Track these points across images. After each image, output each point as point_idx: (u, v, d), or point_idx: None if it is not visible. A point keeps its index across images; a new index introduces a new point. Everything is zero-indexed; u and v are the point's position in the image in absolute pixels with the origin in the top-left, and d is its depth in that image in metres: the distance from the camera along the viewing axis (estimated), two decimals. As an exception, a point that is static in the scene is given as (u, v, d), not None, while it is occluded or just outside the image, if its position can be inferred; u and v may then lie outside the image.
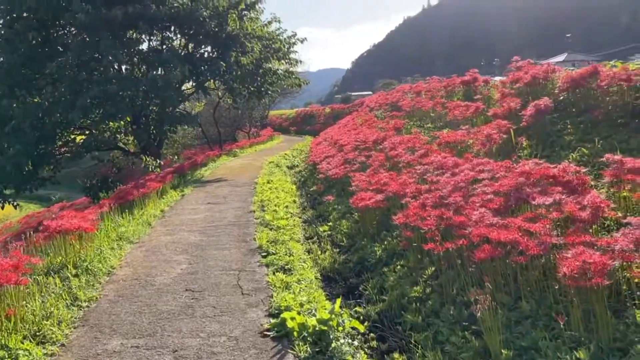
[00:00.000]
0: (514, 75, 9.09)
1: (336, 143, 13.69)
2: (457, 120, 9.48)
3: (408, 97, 15.42)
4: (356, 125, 15.94)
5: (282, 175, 14.60)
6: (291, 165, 17.87)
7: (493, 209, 4.54)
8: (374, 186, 7.10)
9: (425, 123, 11.53)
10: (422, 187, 6.11)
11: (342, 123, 20.37)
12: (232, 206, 9.38)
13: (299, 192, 11.95)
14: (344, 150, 11.26)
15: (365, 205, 6.50)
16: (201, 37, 14.75)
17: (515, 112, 7.71)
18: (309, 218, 8.90)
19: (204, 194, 11.25)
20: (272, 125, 40.30)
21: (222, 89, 19.87)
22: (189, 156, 21.72)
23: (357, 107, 29.96)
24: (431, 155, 7.31)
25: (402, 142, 8.88)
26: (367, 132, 11.98)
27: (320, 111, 38.57)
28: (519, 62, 10.38)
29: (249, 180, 13.07)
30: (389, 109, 15.65)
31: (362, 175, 8.35)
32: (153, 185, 9.85)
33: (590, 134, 6.27)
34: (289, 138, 33.01)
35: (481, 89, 10.89)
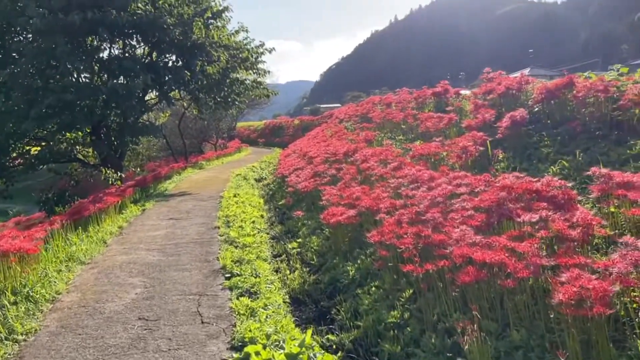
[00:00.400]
0: (487, 87, 8.92)
1: (305, 155, 13.32)
2: (429, 132, 9.24)
3: (378, 109, 15.21)
4: (326, 137, 15.62)
5: (250, 188, 14.13)
6: (259, 178, 17.40)
7: (474, 227, 4.23)
8: (345, 201, 6.74)
9: (396, 135, 11.28)
10: (396, 202, 5.77)
11: (312, 135, 20.04)
12: (195, 222, 8.87)
13: (267, 206, 11.51)
14: (313, 163, 10.89)
15: (336, 221, 6.12)
16: (165, 45, 14.21)
17: (489, 124, 7.50)
18: (277, 234, 8.47)
19: (167, 208, 10.68)
20: (240, 137, 39.70)
21: (187, 99, 19.31)
22: (153, 168, 20.97)
23: (327, 118, 29.72)
24: (405, 168, 7.01)
25: (374, 154, 8.56)
26: (337, 144, 11.66)
27: (289, 123, 38.20)
28: (490, 74, 10.26)
29: (214, 193, 12.54)
30: (359, 121, 15.39)
31: (332, 189, 8.00)
32: (111, 200, 9.25)
33: (568, 146, 6.07)
34: (257, 150, 32.49)
35: (452, 101, 10.71)
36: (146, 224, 8.97)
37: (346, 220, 6.09)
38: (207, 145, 29.54)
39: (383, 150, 8.60)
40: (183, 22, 14.19)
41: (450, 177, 5.66)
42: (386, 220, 5.24)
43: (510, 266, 3.38)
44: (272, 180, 15.80)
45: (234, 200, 10.74)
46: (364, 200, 6.25)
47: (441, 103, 11.30)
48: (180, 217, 9.47)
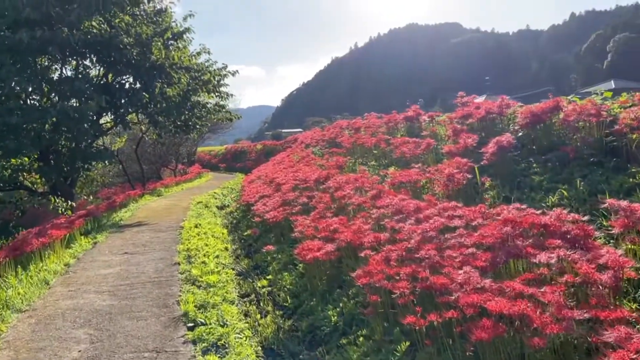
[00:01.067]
0: (464, 111, 8.55)
1: (272, 182, 12.66)
2: (405, 158, 8.77)
3: (346, 133, 14.75)
4: (293, 162, 15.01)
5: (212, 217, 13.32)
6: (221, 206, 16.59)
7: (479, 267, 3.68)
8: (321, 233, 6.12)
9: (368, 160, 10.79)
10: (381, 235, 5.19)
11: (277, 160, 19.39)
12: (153, 257, 8.03)
13: (231, 237, 10.74)
14: (281, 190, 10.23)
15: (313, 257, 5.48)
16: (122, 66, 13.38)
17: (471, 150, 7.07)
18: (244, 270, 7.73)
19: (121, 241, 9.77)
20: (201, 162, 38.65)
21: (145, 122, 18.42)
22: (108, 196, 19.81)
23: (291, 143, 29.19)
24: (385, 196, 6.46)
25: (349, 181, 8.00)
26: (306, 170, 11.06)
27: (252, 147, 37.47)
28: (464, 98, 9.95)
29: (174, 223, 11.68)
30: (327, 146, 14.88)
31: (305, 219, 7.36)
32: (57, 234, 8.31)
33: (561, 173, 5.66)
34: (218, 175, 31.56)
35: (426, 125, 10.33)
36: (97, 260, 8.07)
37: (324, 256, 5.46)
38: (165, 171, 28.43)
39: (358, 177, 8.05)
40: (141, 42, 13.45)
41: (440, 208, 5.13)
42: (372, 258, 4.64)
43: (536, 320, 2.83)
44: (236, 207, 15.03)
45: (196, 232, 9.94)
46: (344, 234, 5.64)
47: (414, 128, 10.91)
48: (136, 251, 8.60)
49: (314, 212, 7.46)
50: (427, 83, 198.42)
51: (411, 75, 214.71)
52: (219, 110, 17.18)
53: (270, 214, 8.53)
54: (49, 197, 14.35)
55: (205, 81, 15.54)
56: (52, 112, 11.61)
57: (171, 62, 14.07)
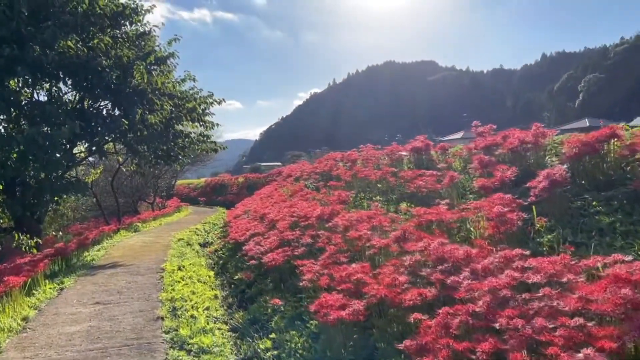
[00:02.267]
0: (487, 140, 7.62)
1: (263, 217, 11.51)
2: (421, 193, 7.77)
3: (341, 166, 13.78)
4: (284, 196, 13.90)
5: (195, 256, 12.05)
6: (204, 243, 15.31)
7: (604, 350, 2.62)
8: (342, 285, 5.00)
9: (372, 195, 9.76)
10: (426, 291, 4.12)
11: (263, 194, 18.25)
12: (130, 308, 6.75)
13: (219, 281, 9.51)
14: (277, 228, 9.10)
15: (338, 317, 4.36)
16: (100, 91, 12.24)
17: (508, 184, 6.11)
18: (239, 324, 6.51)
19: (93, 286, 8.45)
20: (179, 195, 37.21)
21: (123, 152, 17.16)
22: (79, 232, 18.31)
23: (275, 176, 28.14)
24: (413, 238, 5.41)
25: (361, 219, 6.92)
26: (304, 206, 9.96)
27: (233, 181, 36.21)
28: (479, 128, 9.08)
29: (153, 264, 10.39)
30: (321, 179, 13.84)
31: (313, 264, 6.25)
32: (15, 281, 6.97)
33: (632, 213, 4.70)
34: (198, 209, 30.16)
35: (439, 157, 9.40)
36: (62, 313, 6.75)
37: (351, 316, 4.34)
38: (142, 205, 26.96)
39: (371, 214, 6.98)
40: (122, 65, 12.37)
41: (500, 257, 4.09)
42: (424, 324, 3.56)
43: None
44: (221, 245, 13.77)
45: (179, 275, 8.68)
46: (373, 287, 4.54)
47: (422, 160, 9.97)
48: (110, 300, 7.31)
49: (324, 255, 6.34)
50: (405, 119, 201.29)
51: (389, 111, 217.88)
52: (203, 140, 16.06)
53: (269, 257, 7.36)
54: (13, 233, 12.90)
55: (189, 109, 14.47)
56: (18, 139, 10.36)
57: (154, 87, 13.00)
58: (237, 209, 18.69)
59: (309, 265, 6.27)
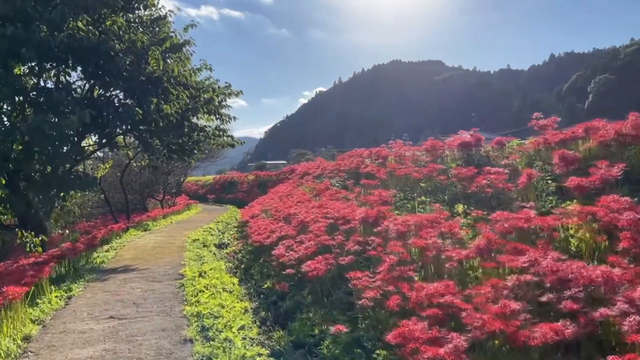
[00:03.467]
0: (566, 133, 6.57)
1: (290, 218, 10.49)
2: (485, 193, 6.72)
3: (370, 163, 12.74)
4: (306, 195, 12.87)
5: (214, 260, 11.04)
6: (220, 244, 14.31)
7: None
8: (428, 311, 3.97)
9: (415, 195, 8.72)
10: (559, 326, 3.08)
11: (280, 192, 17.24)
12: (151, 326, 5.73)
13: (244, 288, 8.50)
14: (311, 231, 8.07)
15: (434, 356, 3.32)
16: (111, 78, 11.24)
17: (611, 183, 5.06)
18: (281, 348, 5.48)
19: (104, 295, 7.44)
20: (187, 193, 36.25)
21: (134, 146, 16.18)
22: (87, 230, 17.34)
23: (287, 174, 27.19)
24: (505, 251, 4.38)
25: (421, 224, 5.87)
26: (338, 206, 8.92)
27: (243, 178, 35.22)
28: (540, 121, 8.03)
29: (170, 268, 9.39)
30: (348, 177, 12.81)
31: (370, 277, 5.24)
32: (15, 292, 5.94)
33: None
34: (208, 207, 29.19)
35: (493, 153, 8.35)
36: (71, 330, 5.73)
37: (452, 356, 3.31)
38: (150, 202, 25.99)
39: (434, 218, 5.93)
40: (135, 50, 11.37)
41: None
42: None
43: None
44: (240, 247, 12.77)
45: (202, 284, 7.65)
46: (477, 316, 3.52)
47: (472, 156, 8.93)
48: (125, 314, 6.29)
49: (381, 267, 5.30)
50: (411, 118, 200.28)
51: (395, 111, 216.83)
52: (219, 134, 15.03)
53: (308, 265, 6.32)
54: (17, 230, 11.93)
55: (206, 100, 13.45)
56: (22, 129, 9.37)
57: (170, 75, 11.98)
58: (252, 207, 17.69)
59: (364, 279, 5.25)
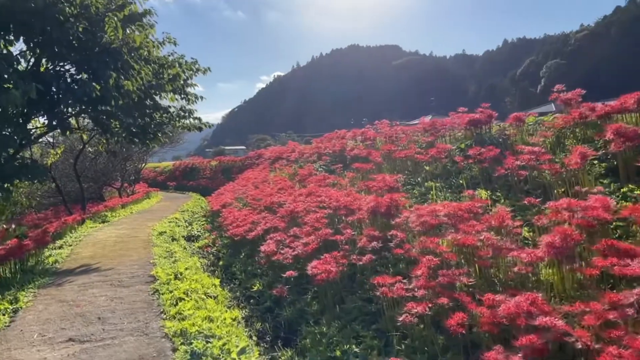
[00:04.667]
0: (613, 105, 5.65)
1: (273, 207, 9.32)
2: (517, 177, 5.75)
3: (360, 145, 11.68)
4: (286, 181, 11.69)
5: (186, 255, 9.76)
6: (190, 236, 12.98)
7: None
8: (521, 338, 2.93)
9: (422, 180, 7.70)
10: None
11: (252, 178, 15.97)
12: (124, 353, 4.46)
13: (228, 290, 7.32)
14: (306, 223, 6.94)
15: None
16: (62, 48, 9.65)
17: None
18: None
19: (60, 307, 6.09)
20: (145, 180, 34.28)
21: (88, 129, 14.53)
22: (36, 223, 15.61)
23: (254, 159, 25.89)
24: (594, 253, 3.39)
25: (457, 214, 4.84)
26: (334, 194, 7.79)
27: (205, 164, 33.51)
28: (563, 94, 7.13)
29: (139, 268, 8.07)
30: (333, 161, 11.71)
31: (402, 283, 4.20)
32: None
33: None
34: (169, 195, 27.50)
35: (512, 130, 7.41)
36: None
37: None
38: (107, 191, 24.13)
39: (469, 207, 4.89)
40: (89, 17, 9.80)
41: None
42: None
43: None
44: (213, 239, 11.51)
45: (182, 289, 6.40)
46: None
47: (483, 136, 7.97)
48: (89, 334, 5.00)
49: (418, 270, 4.25)
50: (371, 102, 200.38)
51: (354, 95, 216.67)
52: (184, 116, 13.59)
53: (317, 267, 5.20)
54: (-48, 227, 10.28)
55: (172, 77, 12.00)
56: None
57: (130, 46, 10.48)
58: (222, 195, 16.38)
59: (398, 287, 4.19)
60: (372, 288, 5.17)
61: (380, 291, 4.30)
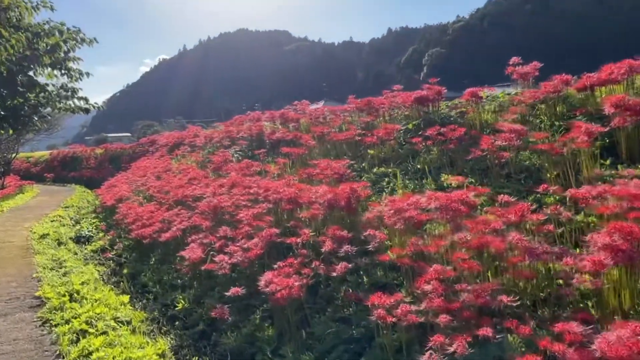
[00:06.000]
0: (594, 78, 5.02)
1: (187, 202, 7.86)
2: (498, 160, 4.95)
3: (271, 127, 10.49)
4: (195, 170, 10.19)
5: (79, 263, 7.99)
6: (79, 237, 10.99)
7: None
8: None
9: (366, 165, 6.73)
10: None
11: (148, 168, 14.11)
12: None
13: (140, 307, 5.86)
14: (241, 220, 5.66)
15: None
16: None
17: None
18: None
19: None
20: (17, 172, 30.13)
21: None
22: None
23: (147, 146, 23.51)
24: None
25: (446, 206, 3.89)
26: (270, 185, 6.54)
27: (89, 153, 30.10)
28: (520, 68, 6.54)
29: (17, 287, 6.25)
30: (251, 146, 10.40)
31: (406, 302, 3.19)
32: None
33: None
34: (48, 189, 24.18)
35: (469, 107, 6.66)
36: None
37: None
38: (-31, 185, 20.56)
39: (461, 197, 3.98)
40: None
41: None
42: None
43: None
44: (110, 241, 9.75)
45: (82, 315, 4.84)
46: None
47: (429, 116, 7.16)
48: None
49: (421, 283, 3.25)
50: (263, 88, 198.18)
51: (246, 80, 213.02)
52: (68, 95, 11.50)
53: (278, 282, 4.00)
54: None
55: (51, 47, 9.94)
56: None
57: (-6, 6, 8.37)
58: (115, 187, 14.30)
59: (403, 309, 3.17)
60: (346, 304, 4.13)
61: (376, 315, 3.22)
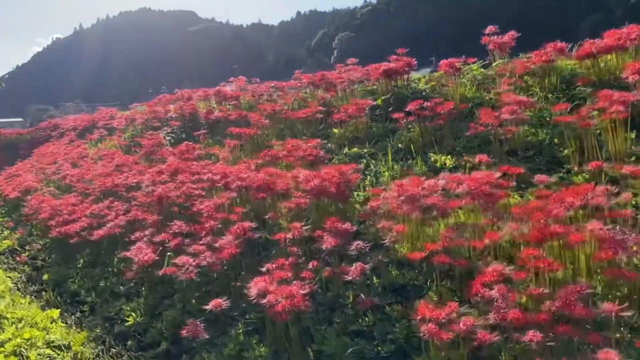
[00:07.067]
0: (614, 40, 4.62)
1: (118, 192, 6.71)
2: (501, 136, 4.42)
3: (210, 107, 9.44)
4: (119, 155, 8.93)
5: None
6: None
7: None
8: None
9: (333, 145, 6.00)
10: None
11: (56, 154, 12.43)
12: None
13: (76, 326, 4.78)
14: (201, 213, 4.74)
15: None
16: None
17: None
18: None
19: None
20: None
21: None
22: None
23: (49, 130, 21.16)
24: None
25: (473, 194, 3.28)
26: (223, 170, 5.62)
27: (-24, 140, 26.70)
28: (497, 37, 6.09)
29: None
30: (185, 128, 9.27)
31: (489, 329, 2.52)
32: None
33: None
34: None
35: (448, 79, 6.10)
36: None
37: None
38: None
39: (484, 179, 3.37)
40: None
41: None
42: None
43: None
44: (19, 240, 8.30)
45: (6, 345, 3.73)
46: None
47: (400, 89, 6.54)
48: None
49: (487, 290, 2.61)
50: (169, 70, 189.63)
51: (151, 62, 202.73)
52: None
53: (273, 293, 3.18)
54: None
55: None
56: None
57: None
58: (18, 177, 12.45)
59: (465, 322, 2.52)
60: (358, 313, 3.39)
61: (427, 330, 2.52)
